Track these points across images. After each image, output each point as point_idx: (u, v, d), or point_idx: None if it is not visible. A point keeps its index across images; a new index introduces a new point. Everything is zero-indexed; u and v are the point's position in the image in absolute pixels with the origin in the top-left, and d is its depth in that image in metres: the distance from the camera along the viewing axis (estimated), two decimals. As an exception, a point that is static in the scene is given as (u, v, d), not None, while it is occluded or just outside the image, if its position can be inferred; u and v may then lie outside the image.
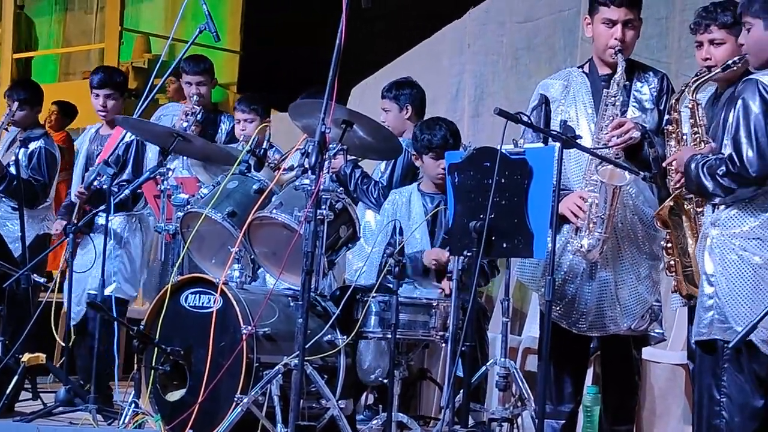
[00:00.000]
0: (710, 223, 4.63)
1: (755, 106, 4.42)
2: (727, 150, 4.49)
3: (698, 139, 4.79)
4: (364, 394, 6.33)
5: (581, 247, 4.98)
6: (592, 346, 5.44)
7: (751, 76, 4.56)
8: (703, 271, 4.63)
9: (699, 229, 4.78)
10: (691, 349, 5.11)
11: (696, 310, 4.68)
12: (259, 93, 7.99)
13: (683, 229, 4.86)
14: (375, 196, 6.58)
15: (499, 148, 4.74)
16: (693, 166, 4.57)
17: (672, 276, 4.96)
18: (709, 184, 4.51)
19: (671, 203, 4.85)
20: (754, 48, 4.65)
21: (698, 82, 4.87)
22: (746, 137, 4.42)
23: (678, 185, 4.82)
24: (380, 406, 5.89)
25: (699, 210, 4.79)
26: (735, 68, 4.83)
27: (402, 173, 6.61)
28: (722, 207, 4.58)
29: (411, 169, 6.58)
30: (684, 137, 4.90)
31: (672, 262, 4.89)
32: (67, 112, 11.34)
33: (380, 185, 6.62)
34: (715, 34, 4.88)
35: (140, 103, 6.39)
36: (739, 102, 4.49)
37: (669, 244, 4.89)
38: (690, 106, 4.87)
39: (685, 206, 4.83)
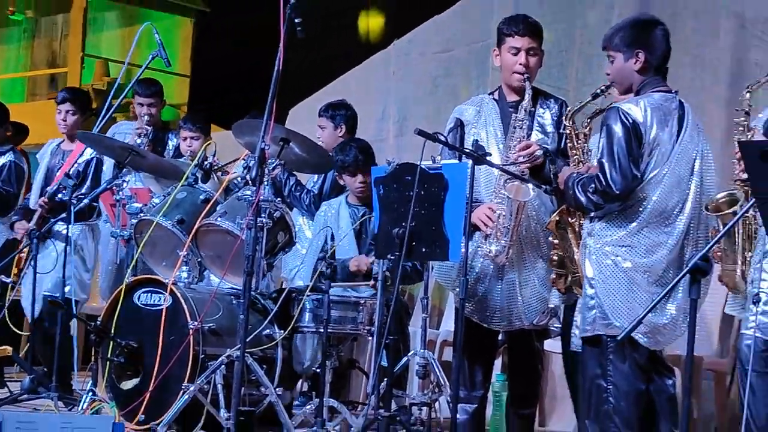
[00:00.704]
0: (587, 234, 4.69)
1: (618, 130, 4.49)
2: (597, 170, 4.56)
3: (577, 160, 4.81)
4: (299, 382, 6.34)
5: (490, 252, 4.99)
6: (500, 339, 5.46)
7: (614, 104, 4.64)
8: (585, 275, 4.69)
9: (581, 237, 4.82)
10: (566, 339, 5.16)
11: (581, 309, 4.73)
12: (202, 113, 7.99)
13: (569, 240, 4.90)
14: (306, 203, 6.63)
15: (419, 164, 4.77)
16: (570, 183, 4.65)
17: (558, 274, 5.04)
18: (582, 199, 4.58)
19: (557, 217, 4.88)
20: (618, 77, 4.74)
21: (574, 110, 4.90)
22: (609, 159, 4.49)
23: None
24: (313, 392, 5.89)
25: (581, 222, 4.82)
26: (603, 96, 4.89)
27: (331, 184, 6.65)
28: (596, 219, 4.65)
29: (336, 184, 6.61)
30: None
31: (555, 257, 4.92)
32: (19, 131, 11.22)
33: (312, 193, 6.67)
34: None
35: (98, 121, 6.37)
36: (604, 128, 4.56)
37: (555, 248, 4.96)
38: (567, 132, 4.89)
39: (570, 219, 4.86)
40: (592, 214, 4.66)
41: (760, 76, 4.62)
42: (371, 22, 9.79)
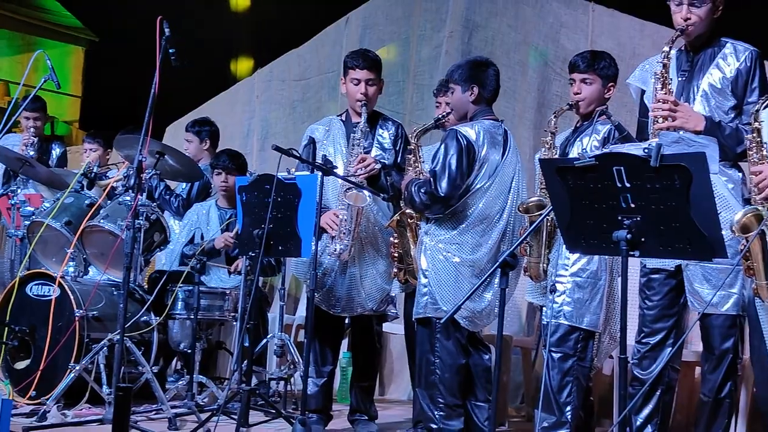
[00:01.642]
0: (424, 233, 4.78)
1: (453, 147, 4.60)
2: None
3: (418, 171, 4.91)
4: (173, 361, 6.32)
5: (335, 250, 5.02)
6: (346, 322, 5.52)
7: (453, 127, 4.75)
8: (420, 267, 4.79)
9: (417, 236, 4.91)
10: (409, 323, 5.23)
11: (415, 295, 4.82)
12: (102, 129, 7.90)
13: (407, 237, 4.99)
14: (175, 206, 6.60)
15: (276, 174, 4.79)
16: (409, 185, 4.73)
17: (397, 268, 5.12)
18: (416, 198, 4.66)
19: (398, 217, 4.98)
20: (456, 106, 4.86)
21: (419, 130, 5.00)
22: (441, 169, 4.60)
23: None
24: (185, 370, 5.89)
25: (417, 223, 4.90)
26: (444, 121, 5.00)
27: (197, 191, 6.64)
28: (432, 221, 4.75)
29: (205, 188, 6.62)
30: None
31: (396, 254, 5.02)
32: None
33: (181, 197, 6.64)
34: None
35: (-1, 135, 6.25)
36: (442, 145, 4.66)
37: (395, 246, 5.04)
38: (412, 147, 4.97)
39: (409, 220, 4.94)
40: (428, 216, 4.74)
41: (560, 105, 4.76)
42: (240, 64, 9.79)
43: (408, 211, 4.91)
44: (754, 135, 3.85)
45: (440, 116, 5.04)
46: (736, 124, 4.08)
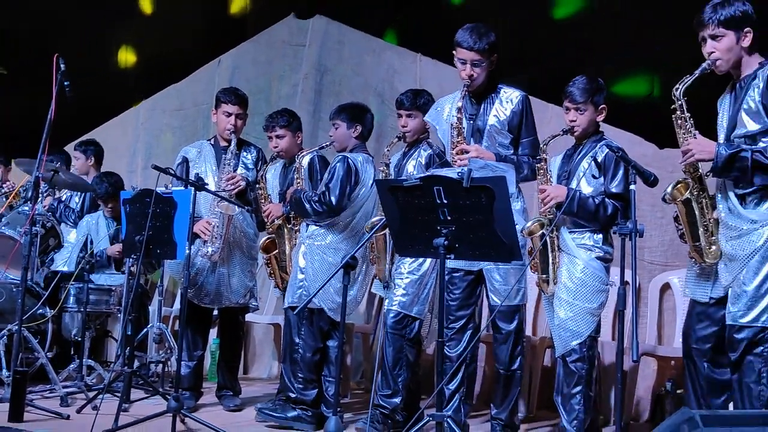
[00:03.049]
0: (306, 236, 4.75)
1: (341, 169, 4.61)
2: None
3: (301, 185, 4.84)
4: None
5: (207, 252, 4.95)
6: (215, 314, 5.42)
7: (343, 154, 4.73)
8: (297, 265, 4.73)
9: (294, 237, 4.90)
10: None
11: (289, 288, 4.77)
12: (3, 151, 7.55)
13: (284, 237, 4.97)
14: (72, 219, 6.32)
15: (155, 189, 4.65)
16: (299, 196, 4.68)
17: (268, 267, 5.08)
18: (308, 207, 4.63)
19: (279, 222, 4.95)
20: (340, 139, 4.81)
21: (305, 154, 4.93)
22: (333, 185, 4.60)
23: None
24: (76, 355, 5.65)
25: (296, 228, 4.89)
26: (326, 146, 4.92)
27: (89, 203, 6.38)
28: (315, 227, 4.72)
29: (94, 201, 6.36)
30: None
31: (269, 273, 5.02)
32: None
33: (75, 211, 6.37)
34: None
35: None
36: (334, 166, 4.66)
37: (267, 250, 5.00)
38: (297, 166, 4.88)
39: (287, 225, 4.94)
40: (317, 223, 4.70)
41: (394, 136, 4.78)
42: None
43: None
44: (542, 164, 4.00)
45: (323, 145, 4.99)
46: (517, 157, 4.19)
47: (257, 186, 5.10)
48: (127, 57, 9.48)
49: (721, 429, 2.71)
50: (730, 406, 3.57)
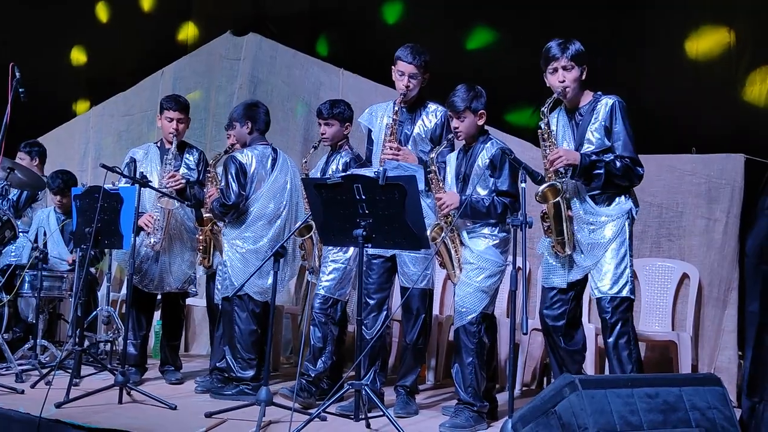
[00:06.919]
0: (224, 234, 4.69)
1: (231, 168, 4.54)
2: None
3: (216, 186, 4.81)
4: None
5: (150, 243, 4.86)
6: (158, 298, 5.31)
7: (231, 153, 4.68)
8: (223, 262, 4.69)
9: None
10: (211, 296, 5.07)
11: (219, 284, 4.68)
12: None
13: (217, 233, 4.90)
14: (6, 208, 6.09)
15: (103, 186, 4.53)
16: (212, 205, 4.64)
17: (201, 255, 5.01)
18: (216, 209, 4.60)
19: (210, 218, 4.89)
20: (238, 138, 4.74)
21: (217, 159, 4.89)
22: (226, 184, 4.55)
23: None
24: (30, 336, 5.46)
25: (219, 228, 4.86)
26: (233, 150, 4.86)
27: (25, 198, 6.12)
28: (228, 223, 4.66)
29: (32, 196, 6.13)
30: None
31: (201, 247, 4.93)
32: None
33: (11, 201, 6.15)
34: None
35: None
36: (224, 167, 4.59)
37: (200, 242, 4.92)
38: (210, 168, 4.87)
39: (215, 226, 4.90)
40: (226, 220, 4.64)
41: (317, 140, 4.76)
42: (79, 104, 9.19)
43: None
44: (432, 174, 3.97)
45: (228, 147, 4.94)
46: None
47: (208, 176, 4.98)
48: (78, 57, 9.22)
49: (597, 391, 2.80)
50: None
